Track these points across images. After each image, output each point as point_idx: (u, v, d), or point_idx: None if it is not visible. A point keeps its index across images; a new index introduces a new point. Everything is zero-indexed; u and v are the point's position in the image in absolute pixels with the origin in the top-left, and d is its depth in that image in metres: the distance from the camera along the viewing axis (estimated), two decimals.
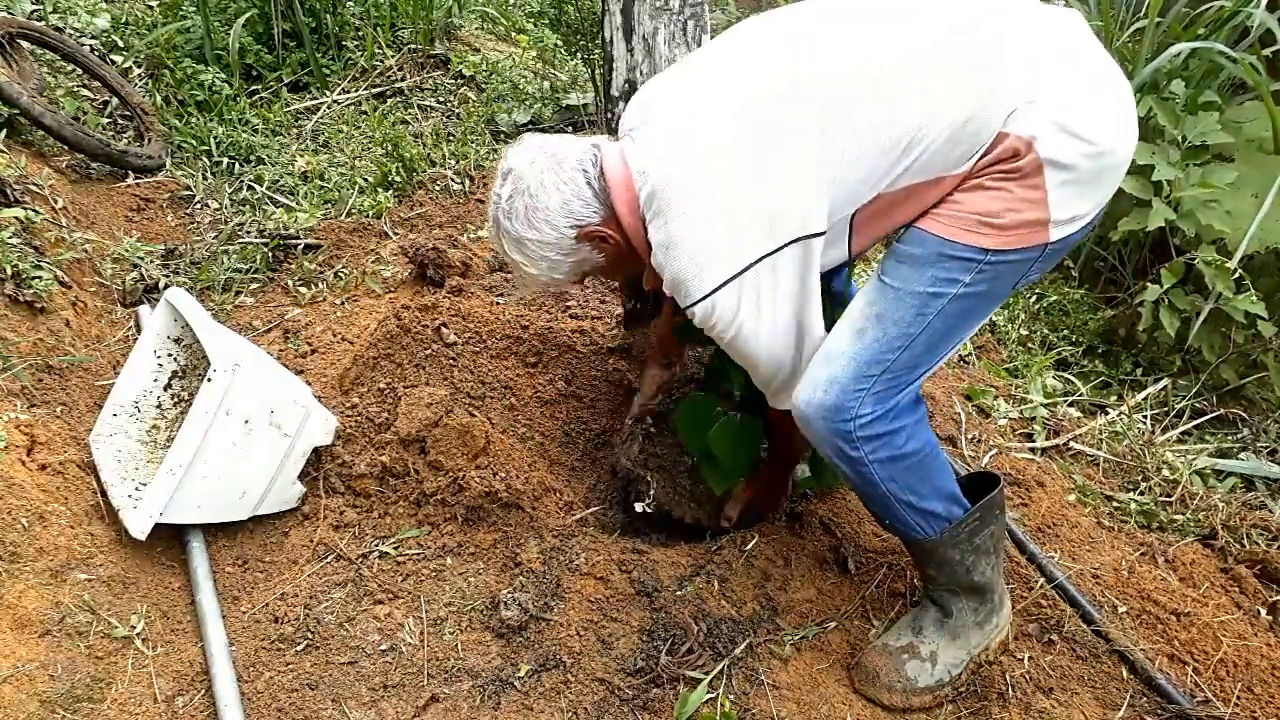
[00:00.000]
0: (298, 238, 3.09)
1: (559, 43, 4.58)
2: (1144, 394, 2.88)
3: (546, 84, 4.09)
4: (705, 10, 1.97)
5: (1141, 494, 2.33)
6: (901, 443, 1.52)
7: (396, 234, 3.15)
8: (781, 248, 1.41)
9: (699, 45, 1.99)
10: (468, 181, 3.40)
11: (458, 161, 3.49)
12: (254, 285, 2.93)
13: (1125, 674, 1.81)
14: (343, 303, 2.77)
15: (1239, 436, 2.89)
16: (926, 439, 1.56)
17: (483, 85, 4.22)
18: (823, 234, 1.43)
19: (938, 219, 1.43)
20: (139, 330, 2.51)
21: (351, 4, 4.45)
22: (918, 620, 1.75)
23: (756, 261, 1.41)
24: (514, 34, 4.94)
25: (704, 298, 1.44)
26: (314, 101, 4.06)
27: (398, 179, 3.42)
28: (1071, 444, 2.49)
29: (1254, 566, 2.09)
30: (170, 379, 2.14)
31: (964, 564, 1.64)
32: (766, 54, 1.46)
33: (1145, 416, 2.72)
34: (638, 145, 1.52)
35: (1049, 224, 1.38)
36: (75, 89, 3.55)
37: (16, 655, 1.54)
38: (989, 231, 1.39)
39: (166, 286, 2.69)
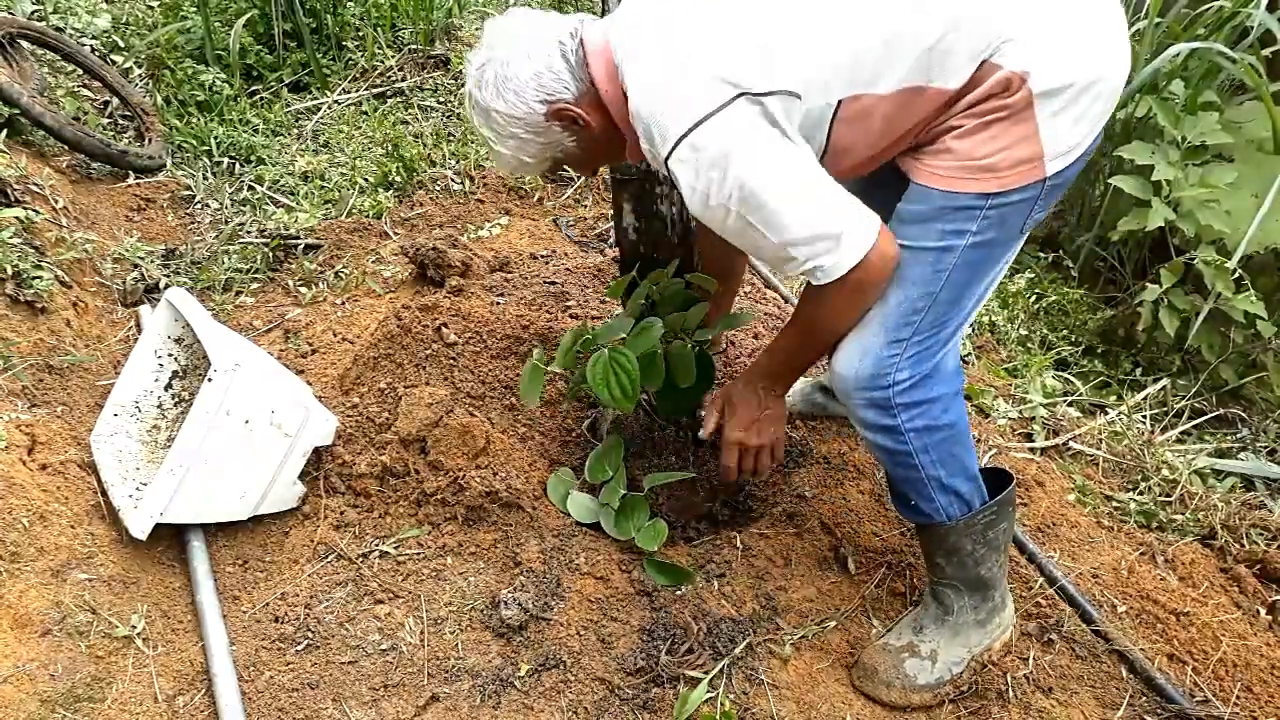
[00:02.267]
0: (298, 238, 3.09)
1: None
2: (1143, 394, 2.89)
3: None
4: None
5: (1141, 494, 2.33)
6: (938, 413, 1.53)
7: (397, 234, 3.15)
8: (760, 95, 1.34)
9: None
10: (468, 181, 3.40)
11: (458, 161, 3.49)
12: (254, 285, 2.94)
13: (1125, 674, 1.81)
14: (343, 303, 2.77)
15: (1239, 436, 2.89)
16: (961, 414, 1.57)
17: None
18: (799, 98, 1.36)
19: (934, 172, 1.43)
20: (139, 330, 2.51)
21: (352, 4, 4.45)
22: (919, 619, 1.76)
23: (736, 98, 1.33)
24: None
25: (683, 137, 1.34)
26: (314, 101, 4.07)
27: (398, 179, 3.42)
28: (1071, 444, 2.49)
29: (1254, 566, 2.09)
30: (171, 379, 2.14)
31: (974, 555, 1.64)
32: None
33: (1145, 416, 2.73)
34: (619, 23, 1.48)
35: (1044, 159, 1.38)
36: (75, 89, 3.56)
37: (17, 655, 1.54)
38: (986, 176, 1.39)
39: (167, 286, 2.69)
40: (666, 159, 1.38)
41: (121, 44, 3.92)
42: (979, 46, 1.34)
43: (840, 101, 1.40)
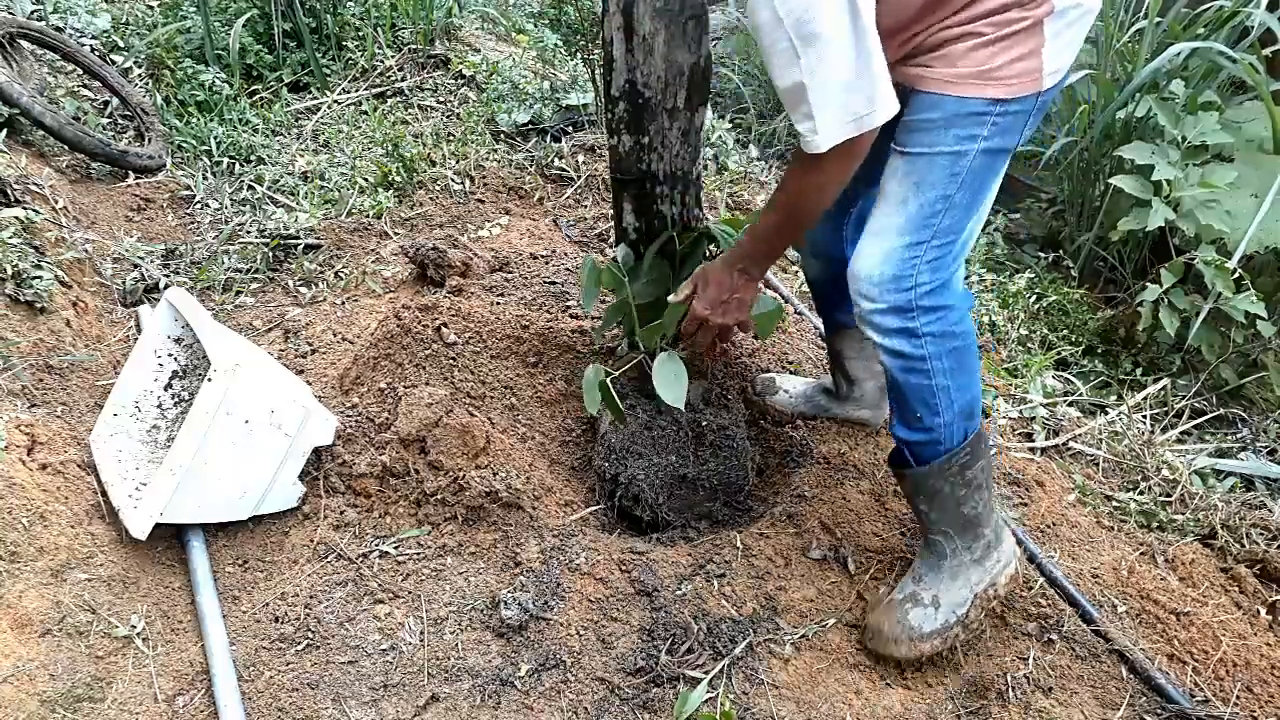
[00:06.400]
0: (298, 238, 3.09)
1: (559, 43, 4.58)
2: (1144, 394, 2.88)
3: (546, 84, 4.09)
4: (706, 11, 1.97)
5: (1141, 494, 2.33)
6: (954, 320, 1.58)
7: (397, 234, 3.15)
8: None
9: (700, 46, 1.99)
10: (468, 181, 3.40)
11: (458, 161, 3.49)
12: (254, 285, 2.94)
13: (1125, 673, 1.81)
14: (343, 303, 2.77)
15: (1239, 436, 2.89)
16: (973, 331, 1.63)
17: (483, 85, 4.22)
18: None
19: (946, 80, 1.48)
20: (139, 330, 2.51)
21: (351, 4, 4.45)
22: (916, 570, 1.77)
23: None
24: (514, 34, 4.94)
25: None
26: (314, 101, 4.07)
27: (398, 179, 3.42)
28: (1071, 444, 2.49)
29: (1254, 566, 2.09)
30: (171, 379, 2.14)
31: (955, 496, 1.67)
32: None
33: (1145, 416, 2.72)
34: None
35: (1042, 74, 1.47)
36: (75, 89, 3.55)
37: (17, 655, 1.54)
38: (994, 83, 1.46)
39: (167, 286, 2.69)
40: None
41: (121, 44, 3.92)
42: None
43: None
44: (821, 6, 1.32)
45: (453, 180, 3.39)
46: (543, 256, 2.92)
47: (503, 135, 3.81)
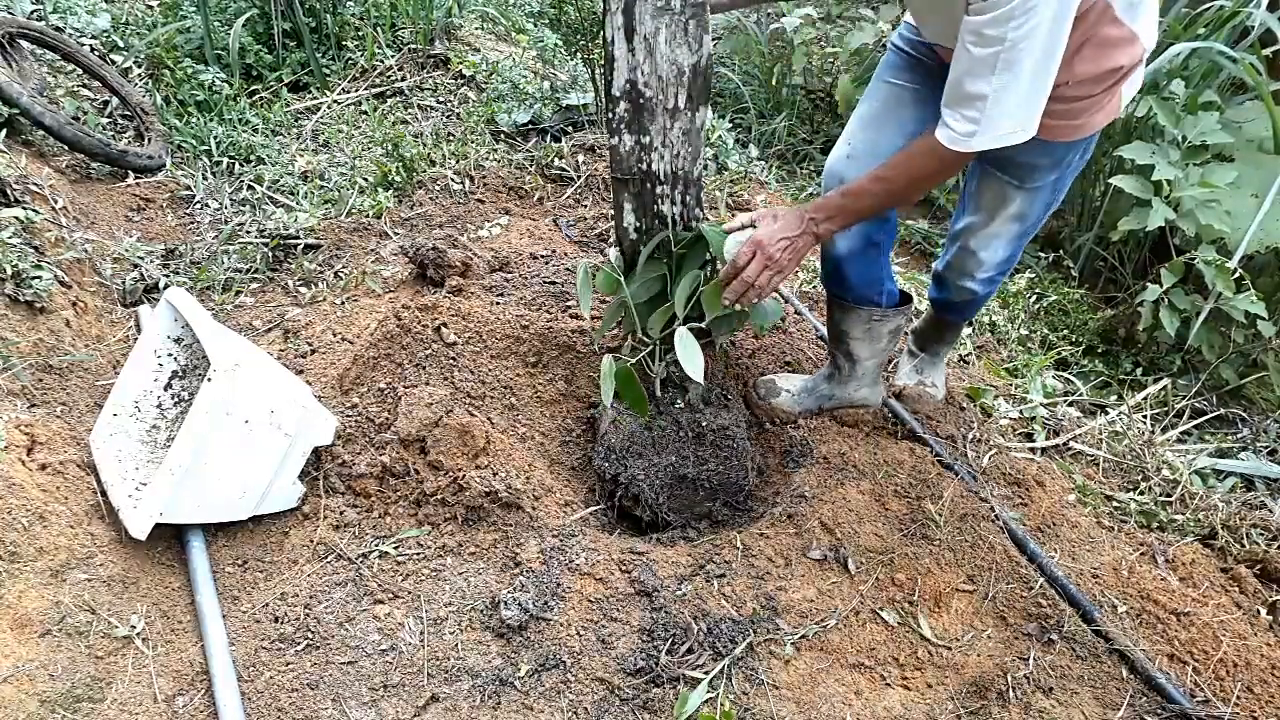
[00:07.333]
0: (298, 238, 3.09)
1: (559, 43, 4.58)
2: (1144, 394, 2.88)
3: (546, 84, 4.09)
4: (706, 10, 1.97)
5: (1141, 494, 2.33)
6: None
7: (396, 234, 3.15)
8: None
9: (700, 45, 1.99)
10: (468, 181, 3.40)
11: (458, 161, 3.49)
12: (254, 285, 2.94)
13: (1125, 674, 1.81)
14: (343, 303, 2.77)
15: (1239, 436, 2.89)
16: None
17: (483, 85, 4.22)
18: None
19: (1061, 131, 1.77)
20: (139, 330, 2.51)
21: (351, 4, 4.45)
22: (920, 367, 2.45)
23: None
24: (514, 34, 4.94)
25: None
26: (314, 101, 4.07)
27: (398, 179, 3.42)
28: (1071, 444, 2.49)
29: (1254, 566, 2.09)
30: (170, 379, 2.14)
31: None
32: None
33: (1145, 416, 2.72)
34: None
35: (1121, 103, 1.81)
36: (75, 89, 3.55)
37: (16, 655, 1.54)
38: (1080, 130, 1.79)
39: (166, 286, 2.69)
40: None
41: (121, 43, 3.92)
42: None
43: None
44: (1036, 48, 1.50)
45: (452, 180, 3.39)
46: (543, 256, 2.91)
47: (503, 135, 3.81)
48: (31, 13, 3.69)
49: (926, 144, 1.69)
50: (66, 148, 3.11)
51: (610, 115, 2.06)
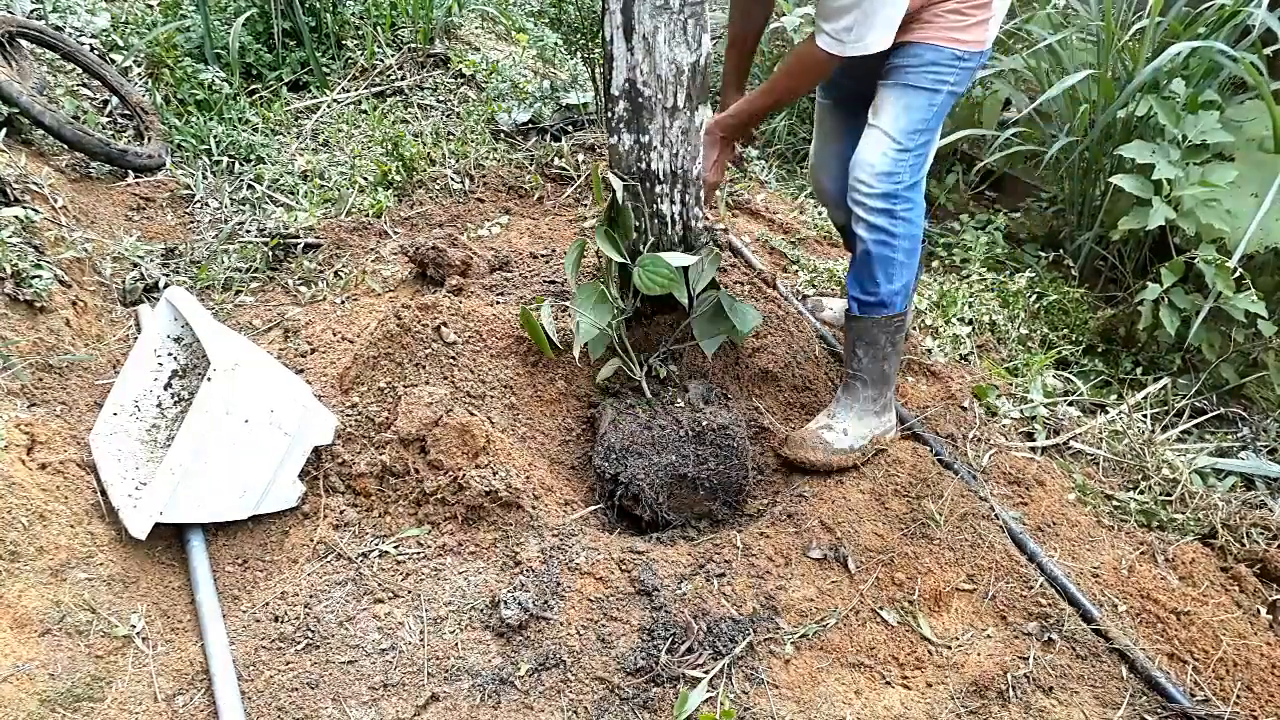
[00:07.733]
0: (298, 237, 3.09)
1: (559, 42, 4.57)
2: (1144, 393, 2.88)
3: (546, 83, 4.09)
4: (704, 9, 1.97)
5: (1141, 493, 2.33)
6: (918, 216, 2.09)
7: (396, 233, 3.15)
8: None
9: (699, 44, 1.99)
10: (468, 181, 3.40)
11: (458, 161, 3.49)
12: (254, 284, 2.93)
13: (1125, 673, 1.81)
14: (343, 302, 2.77)
15: (1239, 435, 2.89)
16: (921, 234, 2.13)
17: (483, 84, 4.22)
18: None
19: (930, 37, 1.98)
20: (139, 329, 2.51)
21: (351, 3, 4.45)
22: (831, 410, 2.23)
23: None
24: (514, 33, 4.94)
25: None
26: (314, 101, 4.06)
27: (398, 178, 3.42)
28: (1072, 443, 2.49)
29: (1254, 566, 2.09)
30: (170, 378, 2.14)
31: (884, 351, 2.18)
32: None
33: (1145, 416, 2.72)
34: None
35: (985, 42, 2.02)
36: (75, 88, 3.55)
37: (16, 654, 1.54)
38: (960, 42, 1.99)
39: (166, 286, 2.69)
40: None
41: (121, 43, 3.92)
42: None
43: None
44: None
45: (452, 179, 3.39)
46: (543, 256, 2.91)
47: (502, 134, 3.81)
48: (31, 12, 3.69)
49: (805, 53, 2.00)
50: (66, 147, 3.11)
51: (610, 114, 2.06)
